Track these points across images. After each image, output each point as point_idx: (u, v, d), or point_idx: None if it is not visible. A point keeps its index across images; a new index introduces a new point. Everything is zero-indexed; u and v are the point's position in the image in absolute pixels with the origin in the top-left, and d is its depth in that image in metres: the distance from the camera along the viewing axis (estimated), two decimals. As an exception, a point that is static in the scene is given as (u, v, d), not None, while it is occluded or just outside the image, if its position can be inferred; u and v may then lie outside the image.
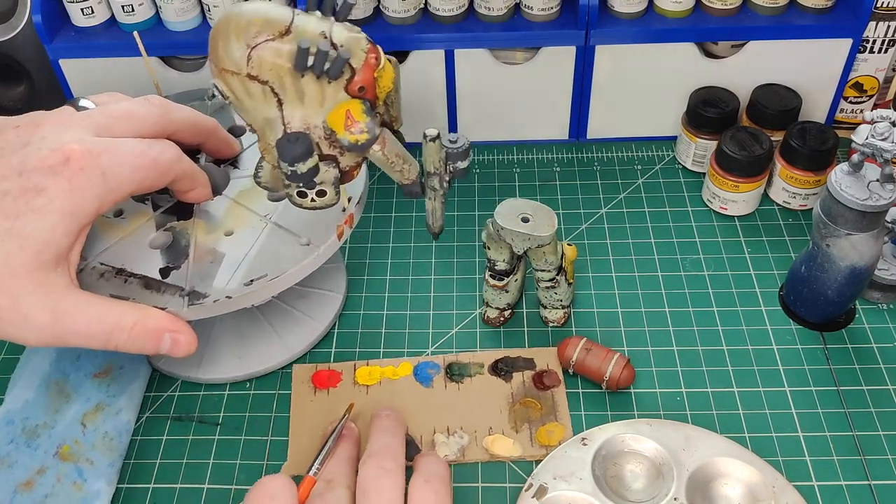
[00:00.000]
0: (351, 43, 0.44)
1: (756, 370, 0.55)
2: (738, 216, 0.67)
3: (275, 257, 0.50)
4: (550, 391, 0.54)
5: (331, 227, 0.51)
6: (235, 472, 0.52)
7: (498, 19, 0.68)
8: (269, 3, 0.44)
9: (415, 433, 0.52)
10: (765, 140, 0.64)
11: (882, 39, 0.67)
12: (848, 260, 0.52)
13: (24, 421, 0.51)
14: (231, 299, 0.48)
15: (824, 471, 0.50)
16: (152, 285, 0.49)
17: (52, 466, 0.49)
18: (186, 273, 0.49)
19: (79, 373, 0.54)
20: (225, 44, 0.43)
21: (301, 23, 0.43)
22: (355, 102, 0.45)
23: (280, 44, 0.43)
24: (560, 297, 0.57)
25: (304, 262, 0.50)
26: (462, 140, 0.50)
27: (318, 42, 0.43)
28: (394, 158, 0.47)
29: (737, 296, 0.60)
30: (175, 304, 0.47)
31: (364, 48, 0.44)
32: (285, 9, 0.44)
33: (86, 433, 0.51)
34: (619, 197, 0.69)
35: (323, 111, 0.45)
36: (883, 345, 0.57)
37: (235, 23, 0.43)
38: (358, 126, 0.44)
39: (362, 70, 0.44)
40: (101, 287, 0.49)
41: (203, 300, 0.48)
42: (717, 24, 0.67)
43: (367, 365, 0.56)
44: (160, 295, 0.48)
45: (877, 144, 0.49)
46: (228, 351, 0.57)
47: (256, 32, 0.43)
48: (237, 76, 0.44)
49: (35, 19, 0.66)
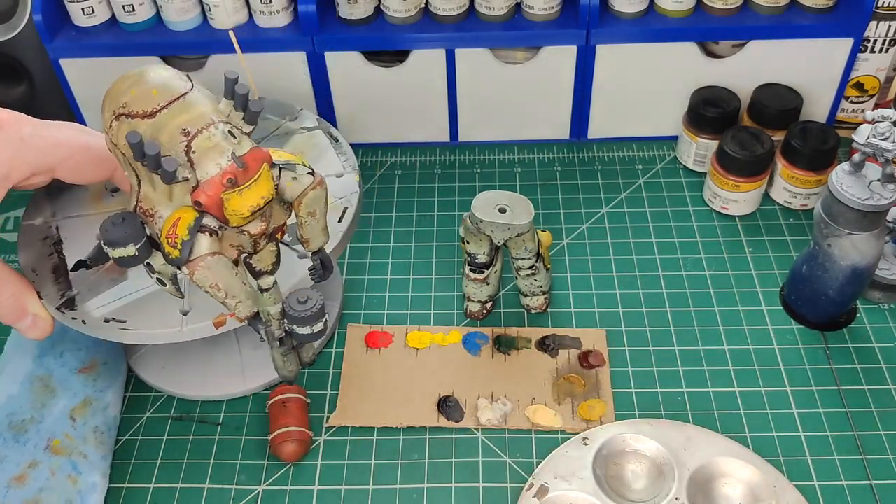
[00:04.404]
0: (206, 153, 0.39)
1: (757, 370, 0.55)
2: (739, 216, 0.66)
3: (152, 311, 0.48)
4: (595, 370, 0.55)
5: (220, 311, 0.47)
6: (236, 472, 0.52)
7: (499, 19, 0.68)
8: (170, 74, 0.41)
9: (459, 397, 0.54)
10: (766, 140, 0.64)
11: (883, 39, 0.67)
12: (849, 259, 0.52)
13: (9, 416, 0.51)
14: (84, 325, 0.47)
15: (825, 470, 0.50)
16: (58, 272, 0.50)
17: (44, 461, 0.49)
18: (87, 277, 0.49)
19: (63, 368, 0.54)
20: (103, 102, 0.42)
21: (179, 109, 0.40)
22: (190, 214, 0.40)
23: (136, 124, 0.40)
24: (540, 284, 0.57)
25: (167, 330, 0.47)
26: (313, 301, 0.43)
27: (169, 138, 0.39)
28: (208, 289, 0.41)
29: (738, 295, 0.60)
30: (51, 300, 0.48)
31: (221, 164, 0.39)
32: (178, 87, 0.41)
33: (76, 427, 0.51)
34: (620, 197, 0.69)
35: (171, 206, 0.41)
36: (884, 344, 0.57)
37: (118, 86, 0.41)
38: (174, 239, 0.40)
39: (206, 185, 0.39)
40: (32, 248, 0.50)
41: (66, 312, 0.48)
42: (718, 23, 0.67)
43: (419, 330, 0.59)
44: (53, 283, 0.49)
45: (878, 144, 0.49)
46: (229, 366, 0.56)
47: (124, 103, 0.40)
48: (106, 135, 0.42)
49: (36, 19, 0.66)
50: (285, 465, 0.52)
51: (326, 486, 0.51)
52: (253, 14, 0.68)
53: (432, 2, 0.67)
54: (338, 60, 0.69)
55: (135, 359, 0.57)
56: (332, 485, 0.51)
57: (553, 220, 0.67)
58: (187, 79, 0.42)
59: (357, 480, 0.51)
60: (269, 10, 0.67)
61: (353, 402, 0.55)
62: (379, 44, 0.68)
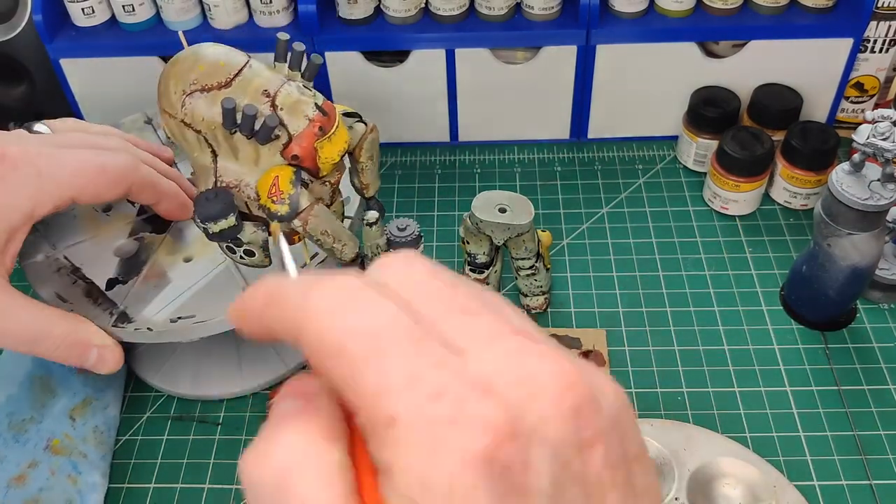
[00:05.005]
0: (293, 107, 0.41)
1: (757, 370, 0.55)
2: (739, 216, 0.66)
3: (215, 299, 0.48)
4: None
5: None
6: (236, 472, 0.52)
7: (499, 19, 0.68)
8: (225, 48, 0.42)
9: None
10: (766, 140, 0.64)
11: (883, 39, 0.67)
12: (849, 259, 0.52)
13: (9, 416, 0.51)
14: (151, 332, 0.47)
15: (825, 470, 0.50)
16: (93, 294, 0.49)
17: (44, 460, 0.49)
18: (129, 290, 0.49)
19: (63, 368, 0.54)
20: (166, 85, 0.42)
21: (249, 75, 0.41)
22: (286, 170, 0.42)
23: (215, 96, 0.41)
24: (540, 284, 0.57)
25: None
26: (412, 228, 0.46)
27: (252, 102, 0.40)
28: (320, 236, 0.43)
29: (738, 295, 0.60)
30: (102, 321, 0.47)
31: (309, 115, 0.41)
32: (239, 57, 0.41)
33: (76, 427, 0.51)
34: (620, 197, 0.69)
35: (258, 171, 0.42)
36: (884, 344, 0.57)
37: (180, 66, 0.42)
38: (280, 196, 0.41)
39: (300, 138, 0.41)
40: (50, 281, 0.49)
41: (126, 325, 0.47)
42: (718, 23, 0.67)
43: None
44: (95, 306, 0.48)
45: (878, 144, 0.49)
46: (229, 366, 0.56)
47: (195, 79, 0.41)
48: (174, 119, 0.42)
49: (36, 19, 0.66)
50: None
51: (326, 486, 0.51)
52: (253, 14, 0.68)
53: (432, 2, 0.67)
54: (338, 60, 0.69)
55: (135, 359, 0.57)
56: (332, 485, 0.51)
57: (553, 220, 0.67)
58: (241, 52, 0.44)
59: (357, 480, 0.51)
60: (269, 10, 0.67)
61: None
62: (379, 44, 0.68)
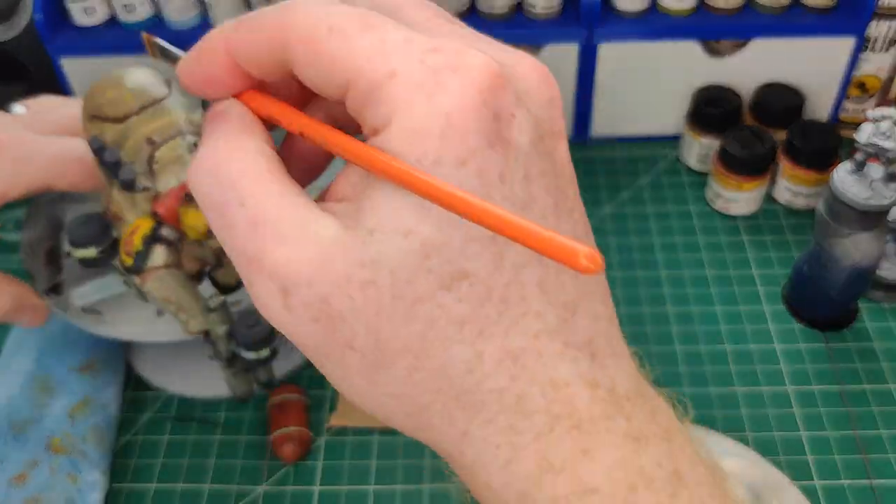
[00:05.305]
0: (168, 165, 0.39)
1: (758, 369, 0.55)
2: (741, 215, 0.66)
3: (138, 305, 0.47)
4: None
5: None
6: (237, 472, 0.52)
7: (500, 17, 0.67)
8: (151, 78, 0.41)
9: None
10: (768, 139, 0.63)
11: (884, 38, 0.66)
12: (850, 259, 0.52)
13: (9, 416, 0.51)
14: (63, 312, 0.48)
15: (826, 470, 0.50)
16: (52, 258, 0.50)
17: (44, 459, 0.49)
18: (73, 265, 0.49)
19: (62, 368, 0.54)
20: (84, 101, 0.42)
21: (150, 115, 0.39)
22: (147, 224, 0.40)
23: (107, 128, 0.40)
24: None
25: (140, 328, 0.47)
26: (263, 326, 0.42)
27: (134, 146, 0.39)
28: (160, 301, 0.41)
29: (739, 295, 0.60)
30: (39, 284, 0.48)
31: (181, 177, 0.39)
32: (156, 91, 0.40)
33: (75, 426, 0.51)
34: (622, 196, 0.69)
35: (135, 212, 0.41)
36: (885, 344, 0.56)
37: (96, 87, 0.41)
38: (129, 249, 0.40)
39: (165, 197, 0.39)
40: (37, 229, 0.50)
41: (51, 296, 0.48)
42: (720, 22, 0.67)
43: None
44: (45, 266, 0.49)
45: (880, 144, 0.49)
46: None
47: (98, 105, 0.40)
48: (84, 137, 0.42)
49: (36, 18, 0.66)
50: (286, 465, 0.52)
51: (327, 487, 0.51)
52: (253, 13, 0.68)
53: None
54: (339, 59, 0.68)
55: (135, 358, 0.57)
56: (332, 485, 0.51)
57: (554, 219, 0.67)
58: (168, 84, 0.41)
59: (358, 481, 0.51)
60: (269, 8, 0.67)
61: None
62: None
